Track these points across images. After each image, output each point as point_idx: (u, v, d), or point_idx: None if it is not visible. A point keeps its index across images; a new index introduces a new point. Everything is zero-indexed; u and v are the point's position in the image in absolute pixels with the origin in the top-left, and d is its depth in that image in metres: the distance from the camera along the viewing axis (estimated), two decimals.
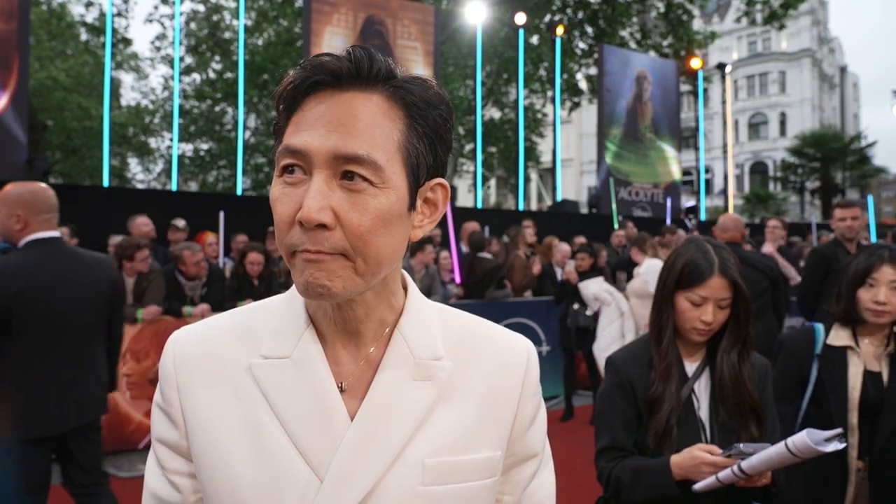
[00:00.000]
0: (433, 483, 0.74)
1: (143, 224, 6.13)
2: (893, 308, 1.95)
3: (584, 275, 5.81)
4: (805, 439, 1.39)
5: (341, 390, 0.75)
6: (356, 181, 0.67)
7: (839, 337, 2.05)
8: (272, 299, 0.84)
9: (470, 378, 0.79)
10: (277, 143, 0.72)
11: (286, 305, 0.80)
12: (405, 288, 0.83)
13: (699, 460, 1.53)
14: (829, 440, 1.42)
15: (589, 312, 5.76)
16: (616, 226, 10.07)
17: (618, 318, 5.49)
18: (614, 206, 11.34)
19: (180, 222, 6.56)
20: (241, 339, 0.79)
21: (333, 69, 0.68)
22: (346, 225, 0.67)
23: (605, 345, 5.50)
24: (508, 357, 0.83)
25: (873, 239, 9.37)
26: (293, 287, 0.79)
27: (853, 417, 1.97)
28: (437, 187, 0.77)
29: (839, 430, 1.43)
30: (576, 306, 5.89)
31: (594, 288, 5.63)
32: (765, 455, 1.45)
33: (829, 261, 4.48)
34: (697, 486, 1.55)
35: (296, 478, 0.71)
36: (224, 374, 0.77)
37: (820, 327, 2.11)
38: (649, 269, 5.32)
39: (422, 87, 0.71)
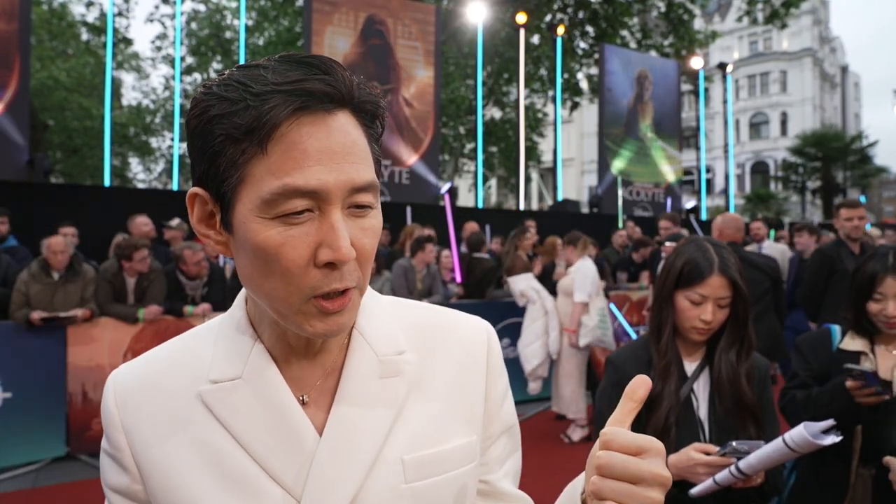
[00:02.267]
0: (415, 479, 0.72)
1: (142, 224, 6.14)
2: None
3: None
4: (803, 433, 1.38)
5: (303, 403, 0.72)
6: (364, 209, 0.66)
7: (854, 343, 2.04)
8: (212, 322, 0.80)
9: (435, 367, 0.78)
10: (234, 174, 0.63)
11: (228, 324, 0.76)
12: None
13: (694, 461, 1.52)
14: (825, 432, 1.40)
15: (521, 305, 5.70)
16: (620, 225, 10.08)
17: (542, 316, 5.47)
18: (620, 205, 11.33)
19: (174, 221, 6.54)
20: (185, 367, 0.74)
21: (327, 93, 0.62)
22: (360, 253, 0.65)
23: (528, 341, 5.51)
24: (469, 340, 0.81)
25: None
26: (234, 305, 0.78)
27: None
28: None
29: (832, 422, 1.42)
30: None
31: (522, 284, 5.60)
32: (762, 453, 1.43)
33: (832, 261, 4.49)
34: (694, 491, 1.53)
35: (270, 503, 0.68)
36: (172, 407, 0.72)
37: (836, 329, 2.11)
38: (579, 269, 5.35)
39: (372, 93, 0.68)
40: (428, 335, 0.80)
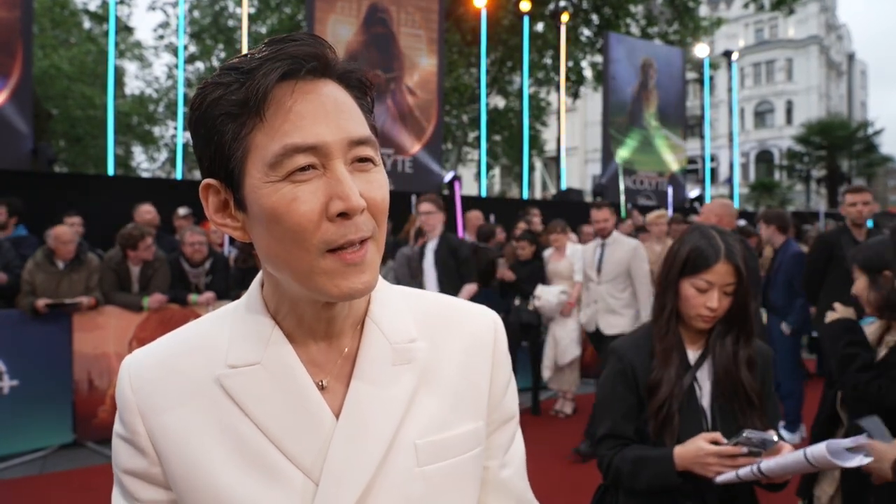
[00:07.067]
0: (426, 463, 0.74)
1: (145, 212, 6.19)
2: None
3: (525, 264, 5.81)
4: (823, 452, 1.39)
5: (321, 388, 0.73)
6: (367, 163, 0.68)
7: (871, 331, 2.13)
8: (227, 307, 0.80)
9: (444, 355, 0.80)
10: (239, 149, 0.66)
11: (245, 310, 0.77)
12: None
13: (703, 451, 1.53)
14: (851, 450, 1.41)
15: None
16: (623, 214, 10.04)
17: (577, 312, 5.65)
18: (622, 195, 11.28)
19: (182, 210, 6.67)
20: (202, 352, 0.75)
21: (311, 54, 0.66)
22: (371, 204, 0.67)
23: (568, 335, 5.66)
24: (477, 329, 0.84)
25: (869, 225, 9.34)
26: (249, 291, 0.78)
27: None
28: None
29: (862, 441, 1.43)
30: (517, 301, 5.73)
31: (552, 299, 5.50)
32: (783, 461, 1.45)
33: (832, 247, 4.57)
34: (719, 480, 1.55)
35: (289, 485, 0.70)
36: (190, 390, 0.73)
37: (867, 321, 2.18)
38: (576, 252, 5.68)
39: (358, 70, 0.72)
40: (437, 324, 0.82)
